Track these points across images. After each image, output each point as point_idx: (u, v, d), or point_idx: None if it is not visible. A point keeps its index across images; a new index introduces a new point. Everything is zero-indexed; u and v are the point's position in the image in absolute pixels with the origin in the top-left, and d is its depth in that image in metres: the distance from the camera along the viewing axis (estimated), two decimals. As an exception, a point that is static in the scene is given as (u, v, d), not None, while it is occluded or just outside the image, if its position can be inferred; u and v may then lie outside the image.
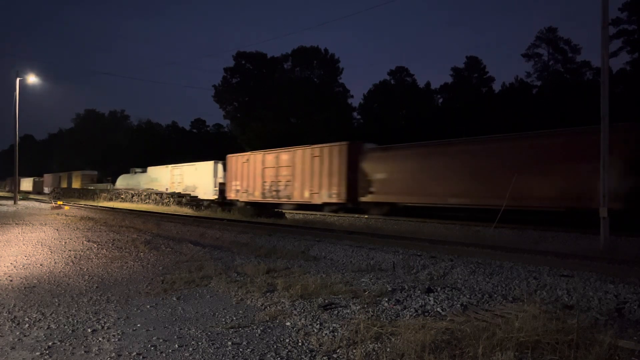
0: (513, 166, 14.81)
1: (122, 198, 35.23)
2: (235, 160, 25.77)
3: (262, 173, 23.77)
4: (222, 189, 27.75)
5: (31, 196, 51.99)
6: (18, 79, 31.12)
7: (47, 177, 61.71)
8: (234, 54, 52.16)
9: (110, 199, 36.40)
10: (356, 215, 20.07)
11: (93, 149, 72.60)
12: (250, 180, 24.42)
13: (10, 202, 31.89)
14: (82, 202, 35.71)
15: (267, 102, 46.60)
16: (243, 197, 24.74)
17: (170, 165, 34.86)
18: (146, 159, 55.15)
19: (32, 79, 31.94)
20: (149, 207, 29.14)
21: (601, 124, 10.67)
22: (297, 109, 47.02)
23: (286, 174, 22.44)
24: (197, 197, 29.49)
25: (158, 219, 19.01)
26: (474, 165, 16.02)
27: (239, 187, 25.17)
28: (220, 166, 29.05)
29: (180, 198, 29.36)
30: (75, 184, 50.55)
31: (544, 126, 20.08)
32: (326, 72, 51.52)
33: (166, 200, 29.87)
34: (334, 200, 20.23)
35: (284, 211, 22.93)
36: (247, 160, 24.88)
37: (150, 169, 38.16)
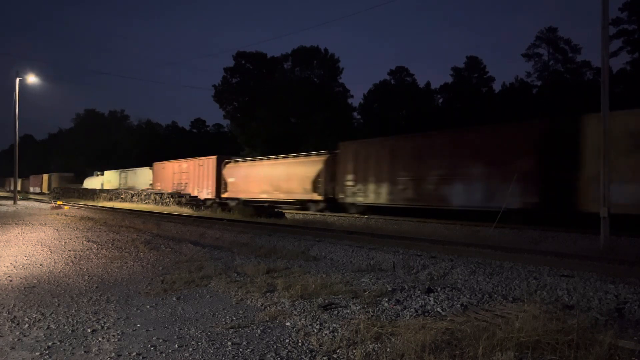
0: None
1: (122, 198, 35.30)
2: (157, 166, 37.25)
3: (172, 176, 34.63)
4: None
5: (31, 196, 52.11)
6: (18, 79, 31.12)
7: (33, 178, 69.25)
8: (234, 54, 52.16)
9: (110, 199, 36.44)
10: (356, 216, 20.29)
11: (93, 149, 72.59)
12: (166, 181, 35.17)
13: (10, 202, 31.89)
14: (82, 202, 35.71)
15: (267, 102, 46.55)
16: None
17: (120, 170, 46.71)
18: (146, 159, 55.13)
19: (32, 79, 31.95)
20: (149, 207, 29.15)
21: (602, 123, 10.67)
22: (297, 109, 47.00)
23: (185, 177, 32.96)
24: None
25: (158, 219, 19.01)
26: (272, 174, 26.48)
27: (160, 186, 35.83)
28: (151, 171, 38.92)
29: (180, 198, 29.54)
30: (55, 184, 57.27)
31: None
32: (326, 72, 51.49)
33: (166, 200, 30.04)
34: (210, 196, 30.03)
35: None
36: (164, 167, 36.05)
37: (106, 173, 49.46)
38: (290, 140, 43.06)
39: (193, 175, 31.86)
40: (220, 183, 29.82)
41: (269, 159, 28.02)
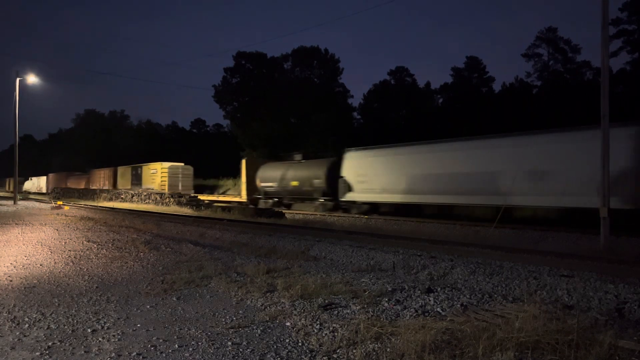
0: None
1: (122, 198, 35.32)
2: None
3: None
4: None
5: (31, 196, 52.13)
6: (18, 79, 31.09)
7: (8, 180, 77.45)
8: (234, 54, 52.09)
9: (110, 199, 36.46)
10: (356, 216, 20.26)
11: (93, 149, 72.54)
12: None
13: (10, 202, 31.88)
14: (82, 202, 35.72)
15: (267, 102, 46.52)
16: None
17: (44, 176, 62.43)
18: (146, 159, 55.14)
19: (32, 79, 31.89)
20: (149, 207, 29.15)
21: (601, 124, 10.65)
22: (297, 109, 46.95)
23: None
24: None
25: (158, 219, 19.01)
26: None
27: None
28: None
29: (180, 198, 29.56)
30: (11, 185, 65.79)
31: (544, 126, 20.08)
32: (326, 72, 51.42)
33: (166, 200, 30.05)
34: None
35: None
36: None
37: (33, 178, 67.17)
38: (290, 140, 43.04)
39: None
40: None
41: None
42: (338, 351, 4.04)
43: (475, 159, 16.97)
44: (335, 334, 4.49)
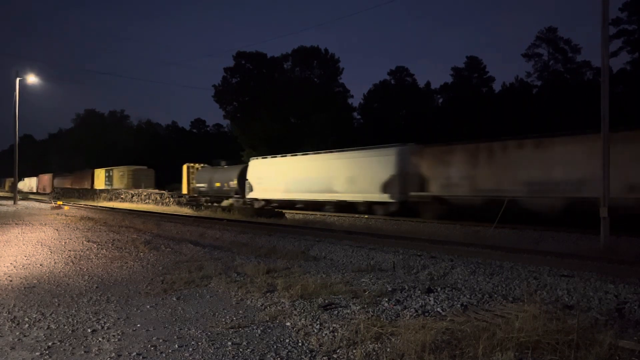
0: None
1: (122, 198, 35.36)
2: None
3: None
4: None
5: (31, 196, 52.18)
6: (18, 79, 31.09)
7: (8, 180, 77.76)
8: (234, 54, 52.05)
9: (110, 199, 36.48)
10: (356, 216, 20.34)
11: (93, 149, 72.51)
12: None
13: (10, 202, 31.87)
14: (82, 202, 35.72)
15: (267, 102, 46.50)
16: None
17: (35, 177, 66.41)
18: (146, 159, 55.15)
19: (32, 79, 31.88)
20: (149, 207, 29.16)
21: (601, 124, 10.65)
22: (297, 109, 46.96)
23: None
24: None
25: (158, 219, 19.01)
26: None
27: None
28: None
29: (180, 198, 29.65)
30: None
31: (544, 126, 20.08)
32: (326, 72, 51.39)
33: (166, 200, 30.15)
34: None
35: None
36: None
37: (26, 179, 69.58)
38: (290, 140, 43.04)
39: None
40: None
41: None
42: (338, 351, 4.04)
43: (322, 168, 23.18)
44: (335, 334, 4.49)
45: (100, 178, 46.32)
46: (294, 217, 21.53)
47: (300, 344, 4.27)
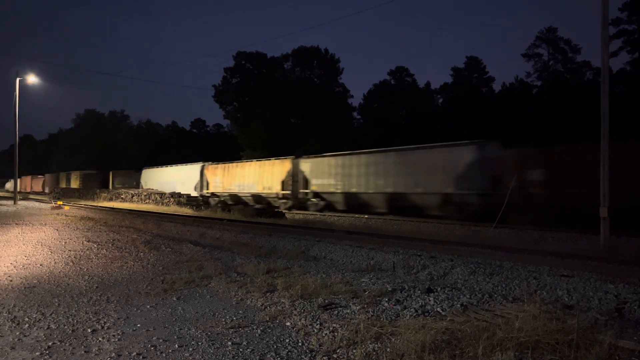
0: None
1: (122, 198, 35.35)
2: (47, 176, 62.27)
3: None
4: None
5: (31, 196, 52.24)
6: (18, 79, 31.08)
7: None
8: (234, 54, 52.04)
9: (110, 199, 36.47)
10: (356, 215, 20.35)
11: (93, 149, 72.49)
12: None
13: (10, 202, 31.87)
14: (82, 202, 35.71)
15: (267, 102, 46.49)
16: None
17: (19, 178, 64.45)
18: (146, 159, 55.16)
19: (32, 79, 31.87)
20: (149, 207, 29.16)
21: (601, 124, 10.65)
22: (297, 109, 46.96)
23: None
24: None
25: (158, 219, 19.01)
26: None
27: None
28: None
29: (180, 198, 29.65)
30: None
31: (544, 126, 20.05)
32: (326, 72, 51.37)
33: (166, 200, 30.15)
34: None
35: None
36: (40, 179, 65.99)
37: (12, 180, 70.35)
38: (290, 140, 43.05)
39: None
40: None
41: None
42: (338, 351, 4.04)
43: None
44: (335, 334, 4.49)
45: (63, 179, 57.55)
46: (294, 217, 21.53)
47: (300, 344, 4.28)
